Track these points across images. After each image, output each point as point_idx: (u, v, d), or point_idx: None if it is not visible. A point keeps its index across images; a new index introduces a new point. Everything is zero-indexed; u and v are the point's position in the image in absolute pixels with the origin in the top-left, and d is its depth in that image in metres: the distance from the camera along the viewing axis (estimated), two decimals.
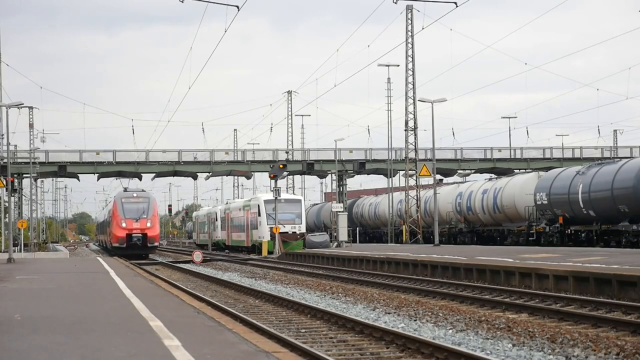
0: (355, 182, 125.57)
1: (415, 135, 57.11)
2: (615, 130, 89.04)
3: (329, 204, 69.65)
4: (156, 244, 54.77)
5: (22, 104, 52.09)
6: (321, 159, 71.27)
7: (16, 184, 61.57)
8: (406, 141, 57.76)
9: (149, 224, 53.02)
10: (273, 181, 52.56)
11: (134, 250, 52.69)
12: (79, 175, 73.69)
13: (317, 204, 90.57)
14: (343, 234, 52.98)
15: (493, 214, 50.29)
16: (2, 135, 58.75)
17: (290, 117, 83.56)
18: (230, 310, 17.83)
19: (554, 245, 41.50)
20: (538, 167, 65.87)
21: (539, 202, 43.66)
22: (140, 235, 52.71)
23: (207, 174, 73.36)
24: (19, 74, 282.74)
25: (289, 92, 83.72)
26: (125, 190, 57.11)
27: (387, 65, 60.25)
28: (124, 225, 52.81)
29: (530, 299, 19.65)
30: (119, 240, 52.88)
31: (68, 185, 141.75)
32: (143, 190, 58.27)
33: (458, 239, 55.96)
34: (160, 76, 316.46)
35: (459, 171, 73.28)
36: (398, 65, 59.36)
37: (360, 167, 70.59)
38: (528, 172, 55.07)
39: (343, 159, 70.37)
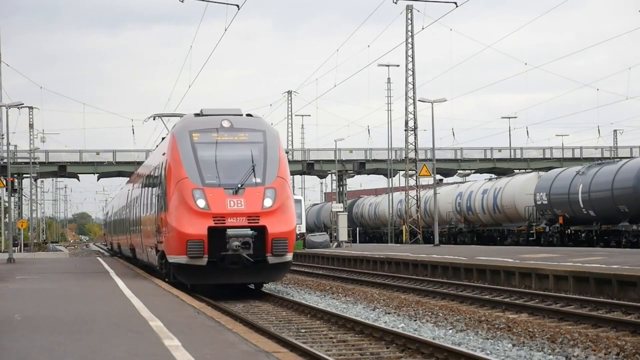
0: (355, 182, 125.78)
1: (415, 135, 57.12)
2: (615, 130, 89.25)
3: (329, 204, 69.63)
4: (289, 256, 20.68)
5: (22, 104, 52.11)
6: (321, 159, 71.29)
7: (16, 184, 61.64)
8: (406, 141, 57.75)
9: (268, 203, 20.41)
10: None
11: (232, 274, 20.52)
12: (79, 175, 73.78)
13: (317, 204, 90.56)
14: (343, 234, 52.96)
15: (493, 214, 50.29)
16: (2, 135, 58.87)
17: (290, 117, 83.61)
18: (230, 310, 17.83)
19: (554, 245, 41.49)
20: (538, 167, 65.93)
21: (539, 202, 43.66)
22: (248, 232, 20.00)
23: None
24: (19, 74, 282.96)
25: (289, 92, 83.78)
26: (201, 113, 22.10)
27: (387, 65, 60.25)
28: (201, 205, 20.10)
29: (530, 299, 19.65)
30: (187, 248, 19.97)
31: (68, 185, 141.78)
32: (246, 114, 22.27)
33: (458, 239, 55.96)
34: (161, 76, 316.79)
35: (459, 171, 73.34)
36: (398, 65, 59.40)
37: (360, 167, 70.61)
38: (528, 172, 55.08)
39: (343, 159, 70.39)
